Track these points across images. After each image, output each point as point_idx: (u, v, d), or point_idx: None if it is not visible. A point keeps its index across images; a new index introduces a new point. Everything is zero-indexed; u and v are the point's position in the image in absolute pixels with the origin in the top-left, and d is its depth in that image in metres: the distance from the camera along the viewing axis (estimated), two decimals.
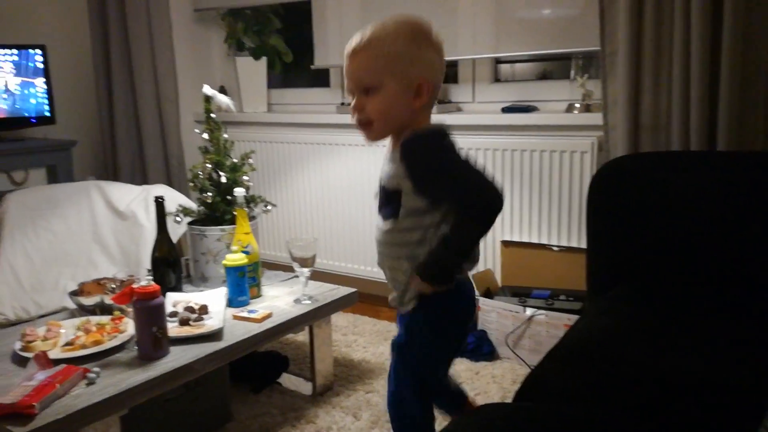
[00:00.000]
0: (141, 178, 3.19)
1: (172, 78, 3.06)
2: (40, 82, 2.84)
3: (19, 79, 2.80)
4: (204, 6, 3.22)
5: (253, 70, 3.18)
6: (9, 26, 3.06)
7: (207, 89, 2.05)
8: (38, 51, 2.82)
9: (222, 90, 2.87)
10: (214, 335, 1.62)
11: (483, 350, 2.15)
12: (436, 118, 2.55)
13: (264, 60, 3.16)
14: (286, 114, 3.11)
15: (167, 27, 3.02)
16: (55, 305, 2.30)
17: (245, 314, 1.77)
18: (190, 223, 2.05)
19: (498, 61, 2.66)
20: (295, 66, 3.23)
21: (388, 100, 1.19)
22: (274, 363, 2.06)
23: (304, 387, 1.98)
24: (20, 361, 1.49)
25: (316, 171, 2.89)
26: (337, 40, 2.89)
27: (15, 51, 2.79)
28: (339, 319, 2.47)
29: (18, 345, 1.53)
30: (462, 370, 2.07)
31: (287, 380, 2.04)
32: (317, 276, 1.97)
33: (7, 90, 2.78)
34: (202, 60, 3.37)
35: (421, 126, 1.22)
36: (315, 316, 1.88)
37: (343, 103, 2.92)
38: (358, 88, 1.21)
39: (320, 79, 3.15)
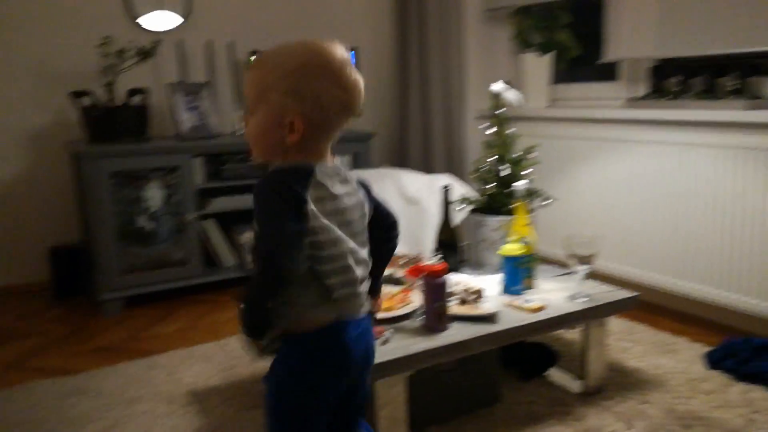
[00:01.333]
0: (427, 167, 3.45)
1: (459, 76, 3.25)
2: None
3: None
4: (496, 6, 3.34)
5: (537, 66, 3.20)
6: (329, 31, 3.57)
7: (496, 86, 2.13)
8: (352, 53, 3.23)
9: (508, 85, 2.96)
10: (490, 318, 1.71)
11: None
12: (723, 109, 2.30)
13: (548, 56, 3.16)
14: (570, 109, 3.07)
15: (459, 28, 3.21)
16: None
17: (519, 303, 1.81)
18: (471, 212, 2.17)
19: None
20: (580, 60, 3.16)
21: (260, 128, 1.09)
22: (544, 355, 2.07)
23: (573, 384, 1.96)
24: None
25: (599, 167, 2.80)
26: (630, 34, 2.74)
27: None
28: (614, 323, 2.37)
29: None
30: (758, 398, 1.83)
31: (554, 375, 2.03)
32: (592, 275, 1.92)
33: None
34: (488, 58, 3.50)
35: (283, 162, 1.09)
36: (591, 315, 1.84)
37: (632, 98, 2.77)
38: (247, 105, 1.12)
39: (606, 72, 3.04)
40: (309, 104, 1.06)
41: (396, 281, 1.95)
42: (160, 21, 3.13)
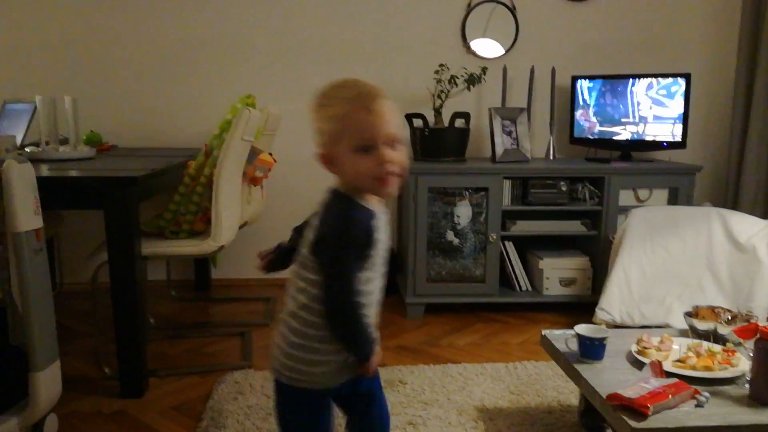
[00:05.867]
0: (762, 211, 2.99)
1: None
2: (677, 109, 2.99)
3: (660, 106, 3.03)
4: None
5: None
6: (659, 56, 3.35)
7: None
8: (683, 79, 2.97)
9: None
10: None
11: None
12: None
13: None
14: None
15: None
16: (658, 319, 2.44)
17: None
18: None
19: None
20: None
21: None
22: None
23: None
24: (634, 362, 1.65)
25: None
26: None
27: (660, 79, 3.01)
28: None
29: (634, 348, 1.69)
30: None
31: None
32: None
33: (646, 116, 3.05)
34: None
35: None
36: None
37: None
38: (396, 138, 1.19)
39: None
40: None
41: (718, 338, 1.73)
42: (488, 48, 3.31)
